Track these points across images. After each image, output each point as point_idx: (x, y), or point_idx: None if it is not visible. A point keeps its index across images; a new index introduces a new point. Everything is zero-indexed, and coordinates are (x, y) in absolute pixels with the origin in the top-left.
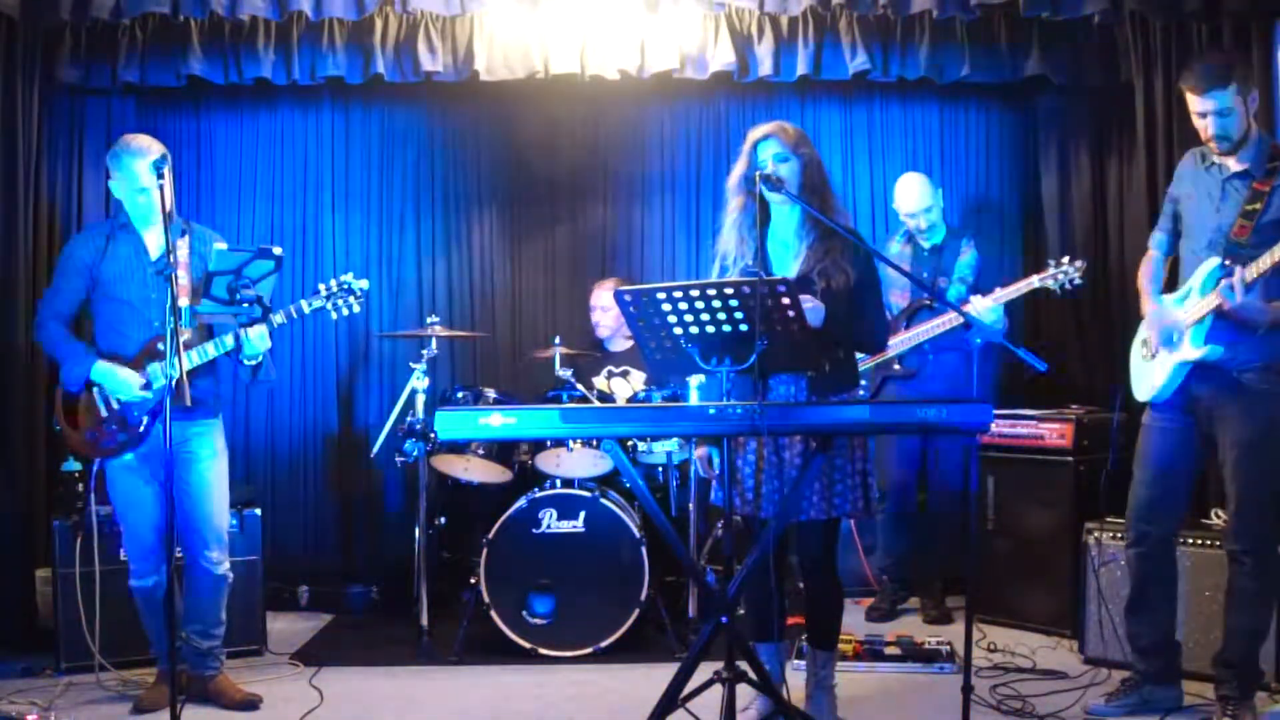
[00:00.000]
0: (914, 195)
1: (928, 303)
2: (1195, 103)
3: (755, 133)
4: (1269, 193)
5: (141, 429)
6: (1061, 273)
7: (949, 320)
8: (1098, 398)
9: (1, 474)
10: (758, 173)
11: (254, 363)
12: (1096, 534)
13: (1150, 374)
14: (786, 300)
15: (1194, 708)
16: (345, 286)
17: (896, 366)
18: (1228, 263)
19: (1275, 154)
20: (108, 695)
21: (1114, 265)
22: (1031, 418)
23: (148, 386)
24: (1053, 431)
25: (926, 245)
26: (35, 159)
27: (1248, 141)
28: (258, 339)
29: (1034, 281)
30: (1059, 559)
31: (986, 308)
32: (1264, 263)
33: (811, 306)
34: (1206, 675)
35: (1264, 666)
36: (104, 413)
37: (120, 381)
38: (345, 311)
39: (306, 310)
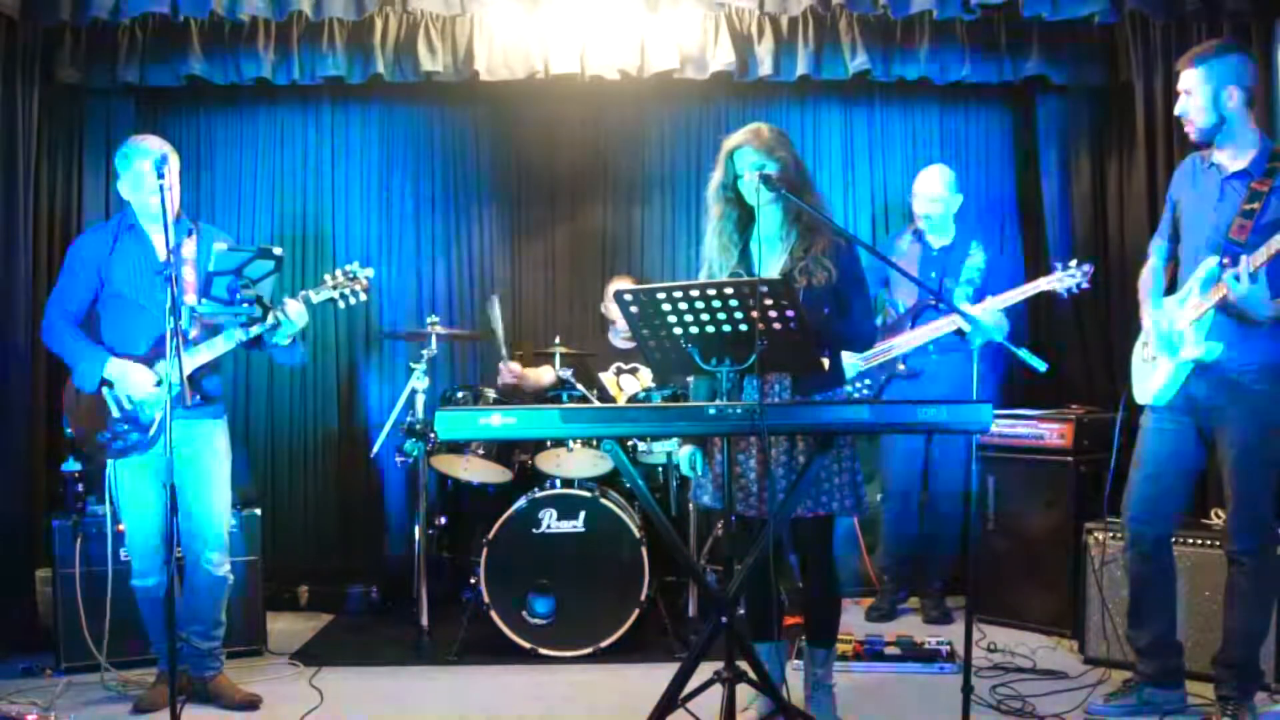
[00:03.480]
0: (932, 181)
1: (933, 302)
2: (1177, 82)
3: (730, 141)
4: (1268, 193)
5: (153, 430)
6: (1069, 275)
7: (952, 321)
8: (1098, 398)
9: (1, 474)
10: (760, 175)
11: (289, 340)
12: (1096, 534)
13: (1152, 376)
14: (785, 300)
15: (1194, 708)
16: (351, 275)
17: (901, 367)
18: (1226, 262)
19: (1275, 155)
20: (108, 695)
21: (1114, 265)
22: (1031, 418)
23: (159, 384)
24: (1053, 431)
25: (936, 245)
26: (35, 159)
27: (1238, 140)
28: (298, 316)
29: (1040, 284)
30: (1059, 559)
31: (993, 310)
32: (1274, 246)
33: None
34: (1206, 675)
35: (1264, 666)
36: (116, 413)
37: (134, 380)
38: (352, 301)
39: (315, 301)
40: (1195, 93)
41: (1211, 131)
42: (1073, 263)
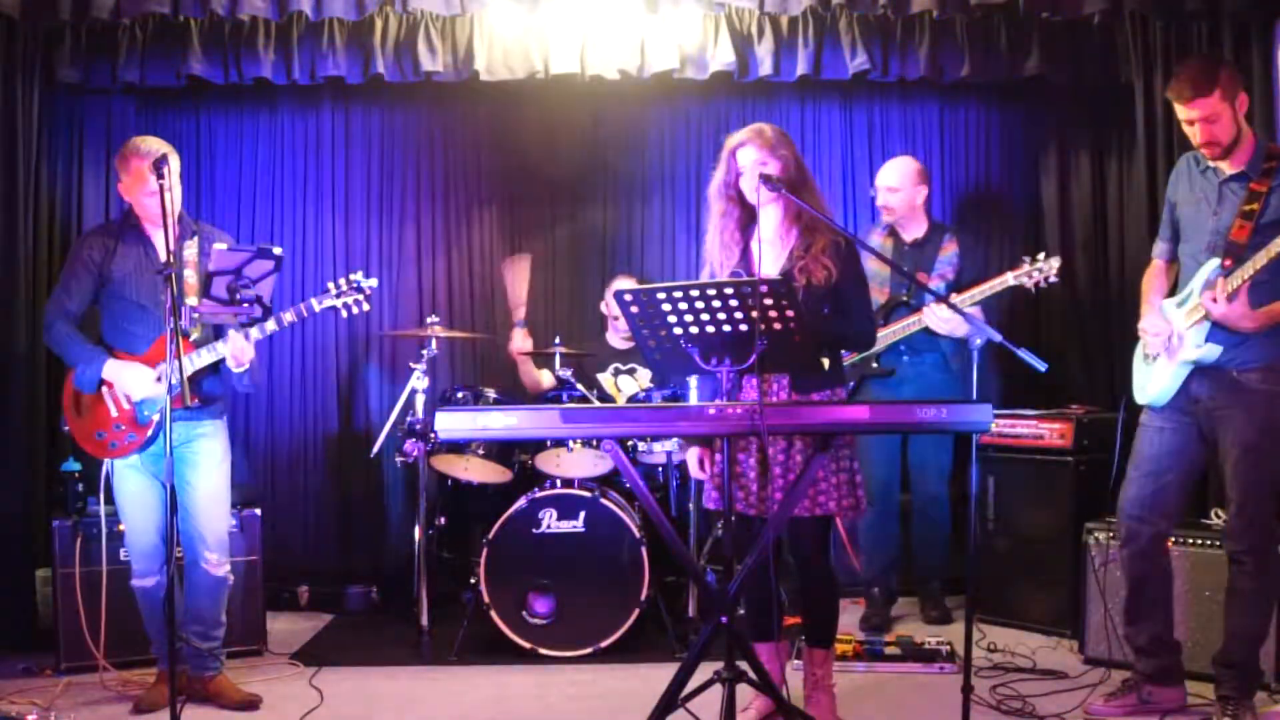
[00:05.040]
0: (890, 172)
1: (904, 299)
2: (1182, 111)
3: (732, 139)
4: (1266, 193)
5: (152, 430)
6: (1036, 270)
7: (915, 322)
8: (1098, 398)
9: (1, 474)
10: (760, 174)
11: (240, 369)
12: (1096, 534)
13: (1152, 377)
14: (785, 300)
15: (1194, 708)
16: (354, 285)
17: (875, 365)
18: (1228, 263)
19: (1271, 155)
20: (108, 695)
21: (1114, 265)
22: (1031, 418)
23: (159, 381)
24: (1053, 431)
25: (908, 240)
26: (35, 159)
27: (1240, 144)
28: (238, 351)
29: (1009, 279)
30: (1059, 559)
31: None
32: (1245, 272)
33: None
34: (1206, 675)
35: (1264, 666)
36: (114, 412)
37: (133, 378)
38: (355, 310)
39: (317, 309)
40: (1222, 116)
41: (1234, 145)
42: (1040, 255)
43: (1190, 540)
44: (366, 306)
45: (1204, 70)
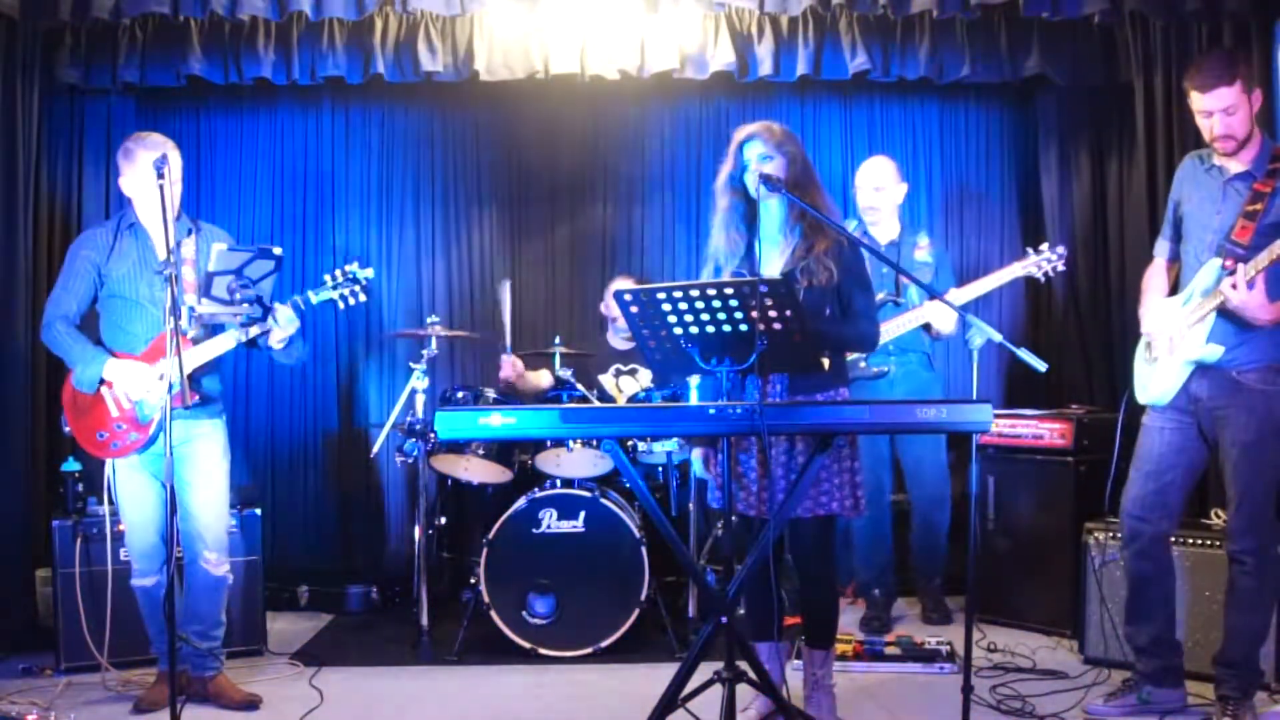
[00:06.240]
0: (876, 172)
1: (893, 299)
2: (1200, 101)
3: (741, 132)
4: (1270, 194)
5: (152, 429)
6: (1045, 260)
7: (913, 319)
8: (1098, 398)
9: (1, 474)
10: (759, 173)
11: (281, 345)
12: (1097, 534)
13: (1154, 376)
14: (785, 300)
15: (1194, 708)
16: (350, 276)
17: (863, 365)
18: (1228, 264)
19: (1277, 155)
20: (108, 695)
21: (1114, 265)
22: (1031, 417)
23: (161, 380)
24: (1053, 431)
25: (884, 241)
26: (35, 159)
27: (1249, 142)
28: (286, 321)
29: (1015, 270)
30: (1059, 559)
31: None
32: (1273, 252)
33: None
34: (1206, 675)
35: (1264, 666)
36: (115, 412)
37: (134, 380)
38: (352, 301)
39: (314, 301)
40: (1241, 108)
41: (1247, 140)
42: (1044, 246)
43: (1190, 540)
44: (363, 297)
45: (1225, 61)
